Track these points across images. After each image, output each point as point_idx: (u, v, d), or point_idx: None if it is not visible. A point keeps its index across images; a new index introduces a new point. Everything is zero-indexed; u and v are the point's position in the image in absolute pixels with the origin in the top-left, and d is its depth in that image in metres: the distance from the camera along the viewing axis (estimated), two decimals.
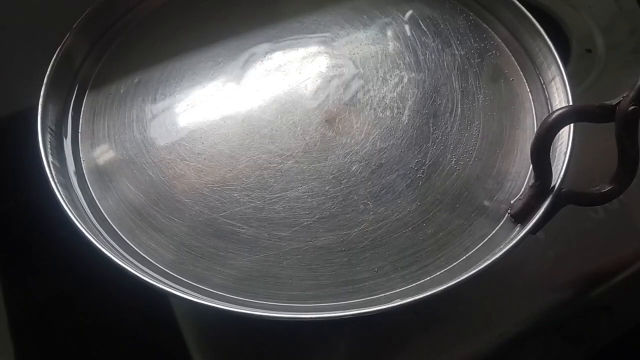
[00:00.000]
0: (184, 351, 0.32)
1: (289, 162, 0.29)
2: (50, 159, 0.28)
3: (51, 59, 0.30)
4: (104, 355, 0.37)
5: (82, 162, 0.29)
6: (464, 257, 0.25)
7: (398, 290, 0.24)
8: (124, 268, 0.23)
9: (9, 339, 0.36)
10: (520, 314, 0.33)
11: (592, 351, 0.41)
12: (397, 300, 0.22)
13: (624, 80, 0.42)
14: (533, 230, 0.25)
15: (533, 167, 0.25)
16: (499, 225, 0.27)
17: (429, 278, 0.25)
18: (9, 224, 0.42)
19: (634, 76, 0.28)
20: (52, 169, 0.27)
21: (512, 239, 0.24)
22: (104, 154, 0.29)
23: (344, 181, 0.28)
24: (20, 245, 0.41)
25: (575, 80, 0.30)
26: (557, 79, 0.31)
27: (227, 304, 0.22)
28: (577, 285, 0.34)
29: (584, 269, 0.34)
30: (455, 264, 0.25)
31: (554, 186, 0.26)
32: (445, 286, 0.22)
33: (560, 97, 0.30)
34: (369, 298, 0.24)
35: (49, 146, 0.28)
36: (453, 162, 0.29)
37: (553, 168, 0.26)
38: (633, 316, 0.42)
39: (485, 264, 0.23)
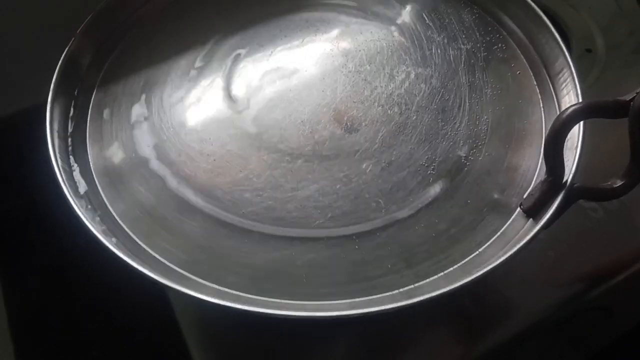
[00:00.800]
0: (185, 352, 0.32)
1: (299, 161, 0.29)
2: (60, 163, 0.28)
3: (56, 59, 0.30)
4: (105, 355, 0.37)
5: (91, 165, 0.29)
6: (477, 253, 0.26)
7: (412, 286, 0.24)
8: (138, 270, 0.23)
9: (9, 339, 0.36)
10: (520, 314, 0.33)
11: (592, 351, 0.42)
12: (415, 297, 0.22)
13: (624, 80, 0.42)
14: (546, 225, 0.25)
15: (546, 162, 0.25)
16: (511, 220, 0.27)
17: (442, 274, 0.25)
18: (14, 222, 0.42)
19: (634, 76, 0.28)
20: (62, 173, 0.27)
21: (526, 234, 0.24)
22: (112, 156, 0.29)
23: (355, 179, 0.28)
24: (23, 243, 0.41)
25: None
26: (565, 71, 0.31)
27: (243, 304, 0.22)
28: (577, 285, 0.34)
29: (584, 269, 0.34)
30: (468, 259, 0.25)
31: (566, 181, 0.26)
32: (461, 282, 0.22)
33: (569, 90, 0.30)
34: (383, 295, 0.24)
35: (57, 150, 0.28)
36: (463, 158, 0.29)
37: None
38: (633, 316, 0.42)
39: (501, 259, 0.24)
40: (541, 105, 0.32)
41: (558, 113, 0.31)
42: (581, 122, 0.27)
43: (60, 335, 0.38)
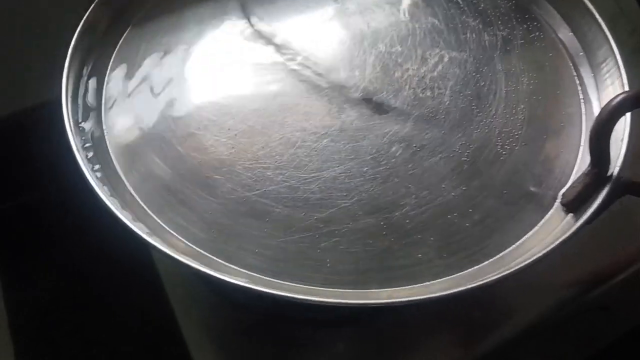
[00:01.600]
0: (186, 353, 0.32)
1: (324, 141, 0.27)
2: (74, 132, 0.26)
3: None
4: (104, 355, 0.37)
5: (105, 136, 0.28)
6: (513, 246, 0.24)
7: (445, 278, 0.23)
8: (154, 246, 0.22)
9: (9, 339, 0.36)
10: (520, 314, 0.32)
11: (592, 351, 0.41)
12: (446, 290, 0.21)
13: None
14: (589, 221, 0.23)
15: (591, 153, 0.24)
16: (549, 214, 0.25)
17: (477, 267, 0.23)
18: (16, 221, 0.41)
19: (634, 76, 0.28)
20: (77, 145, 0.25)
21: (567, 229, 0.23)
22: (129, 128, 0.28)
23: (384, 162, 0.26)
24: (24, 242, 0.41)
25: None
26: (609, 60, 0.29)
27: (269, 287, 0.21)
28: (577, 285, 0.33)
29: (584, 269, 0.33)
30: (504, 252, 0.24)
31: (611, 174, 0.24)
32: (498, 275, 0.21)
33: (613, 80, 0.29)
34: (414, 286, 0.22)
35: (72, 122, 0.27)
36: (499, 147, 0.27)
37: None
38: (633, 316, 0.42)
39: (538, 255, 0.22)
40: (581, 96, 0.30)
41: (599, 104, 0.29)
42: (628, 113, 0.25)
43: (60, 335, 0.37)
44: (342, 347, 0.31)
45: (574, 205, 0.24)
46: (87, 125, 0.28)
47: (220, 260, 0.23)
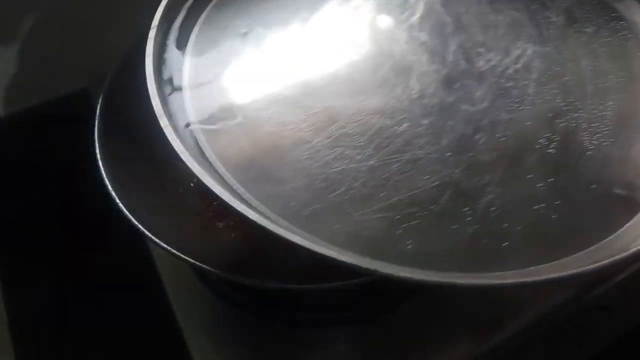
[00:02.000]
0: (187, 354, 0.32)
1: (405, 125, 0.27)
2: (161, 107, 0.26)
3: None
4: (106, 355, 0.37)
5: (188, 111, 0.28)
6: (599, 244, 0.23)
7: (531, 268, 0.22)
8: (247, 217, 0.21)
9: (9, 339, 0.36)
10: (520, 314, 0.32)
11: (592, 351, 0.41)
12: (530, 276, 0.20)
13: None
14: None
15: None
16: (638, 215, 0.24)
17: (560, 261, 0.22)
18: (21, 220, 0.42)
19: None
20: (160, 108, 0.26)
21: None
22: (212, 103, 0.28)
23: (467, 149, 0.26)
24: (26, 241, 0.41)
25: None
26: None
27: (355, 260, 0.20)
28: (577, 285, 0.33)
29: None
30: (590, 249, 0.23)
31: None
32: (585, 268, 0.20)
33: None
34: (498, 273, 0.22)
35: (158, 98, 0.27)
36: (586, 142, 0.26)
37: None
38: (633, 316, 0.41)
39: (627, 253, 0.21)
40: None
41: None
42: None
43: (60, 336, 0.38)
44: (343, 347, 0.32)
45: None
46: (170, 103, 0.28)
47: (304, 232, 0.23)
